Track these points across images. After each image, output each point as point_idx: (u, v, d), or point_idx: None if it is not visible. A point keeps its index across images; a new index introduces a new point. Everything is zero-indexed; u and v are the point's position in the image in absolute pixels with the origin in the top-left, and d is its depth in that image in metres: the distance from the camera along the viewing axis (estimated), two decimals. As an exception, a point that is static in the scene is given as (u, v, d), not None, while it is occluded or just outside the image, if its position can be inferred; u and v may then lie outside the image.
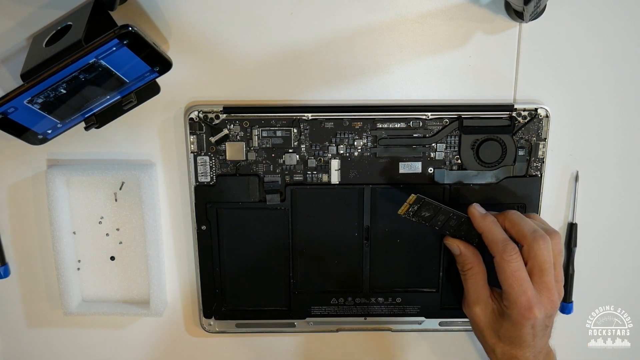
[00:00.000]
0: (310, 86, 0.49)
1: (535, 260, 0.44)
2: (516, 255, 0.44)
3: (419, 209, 0.47)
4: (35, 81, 0.40)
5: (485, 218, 0.46)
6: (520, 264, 0.44)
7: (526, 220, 0.46)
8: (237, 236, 0.52)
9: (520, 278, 0.44)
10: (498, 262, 0.45)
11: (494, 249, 0.45)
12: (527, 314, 0.44)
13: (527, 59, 0.48)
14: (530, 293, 0.44)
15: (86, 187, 0.52)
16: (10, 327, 0.56)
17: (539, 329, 0.45)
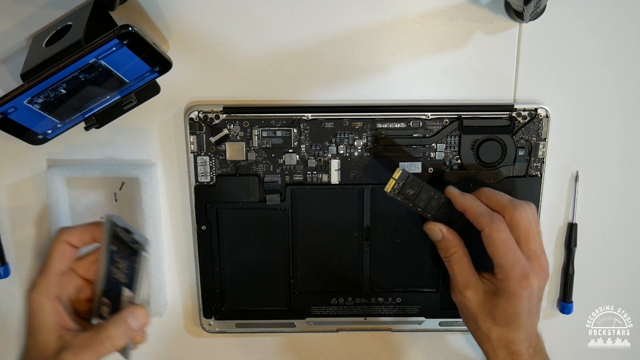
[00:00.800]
0: (310, 86, 0.49)
1: (519, 228, 0.43)
2: (503, 225, 0.43)
3: (404, 186, 0.45)
4: (35, 81, 0.40)
5: (464, 195, 0.46)
6: (509, 234, 0.43)
7: (501, 193, 0.46)
8: (237, 236, 0.52)
9: (512, 247, 0.43)
10: (487, 234, 0.43)
11: (482, 221, 0.43)
12: (524, 283, 0.42)
13: (527, 59, 0.48)
14: (523, 262, 0.43)
15: (86, 187, 0.52)
16: (11, 327, 0.56)
17: (535, 302, 0.44)
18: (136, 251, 0.39)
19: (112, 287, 0.40)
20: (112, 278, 0.40)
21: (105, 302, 0.41)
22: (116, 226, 0.39)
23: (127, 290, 0.40)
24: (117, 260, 0.40)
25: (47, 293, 0.40)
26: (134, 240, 0.39)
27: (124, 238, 0.39)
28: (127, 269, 0.40)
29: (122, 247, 0.39)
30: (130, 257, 0.39)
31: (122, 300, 0.40)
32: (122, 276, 0.40)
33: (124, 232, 0.39)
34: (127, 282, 0.40)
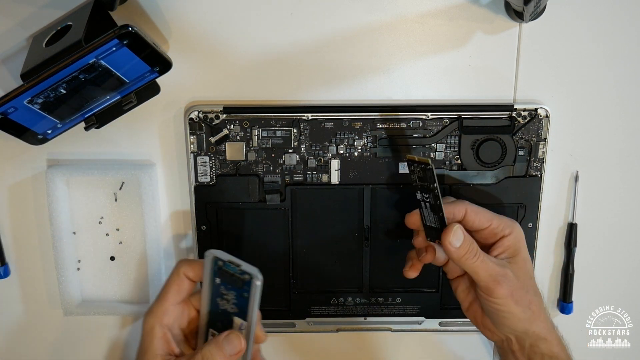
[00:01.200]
0: (310, 86, 0.49)
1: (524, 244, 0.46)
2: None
3: (422, 170, 0.43)
4: (35, 81, 0.40)
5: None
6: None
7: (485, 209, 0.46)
8: (237, 236, 0.52)
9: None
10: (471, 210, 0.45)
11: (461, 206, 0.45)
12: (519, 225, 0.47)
13: (527, 59, 0.48)
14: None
15: (86, 187, 0.52)
16: (10, 327, 0.56)
17: None
18: (246, 281, 0.41)
19: (221, 318, 0.42)
20: (219, 310, 0.42)
21: (212, 333, 0.43)
22: (219, 260, 0.41)
23: (238, 319, 0.42)
24: (224, 292, 0.42)
25: (160, 320, 0.42)
26: (243, 272, 0.41)
27: (230, 270, 0.41)
28: (235, 299, 0.42)
29: (228, 279, 0.41)
30: (239, 287, 0.41)
31: (233, 328, 0.42)
32: (231, 306, 0.42)
33: (229, 265, 0.41)
34: (237, 311, 0.42)
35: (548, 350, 0.46)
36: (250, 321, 0.41)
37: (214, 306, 0.43)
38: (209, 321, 0.43)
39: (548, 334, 0.46)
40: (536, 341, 0.46)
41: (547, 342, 0.46)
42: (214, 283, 0.42)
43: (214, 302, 0.42)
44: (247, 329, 0.42)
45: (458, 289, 0.49)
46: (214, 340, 0.41)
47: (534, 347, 0.46)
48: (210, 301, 0.43)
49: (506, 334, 0.47)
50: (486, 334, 0.49)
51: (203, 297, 0.43)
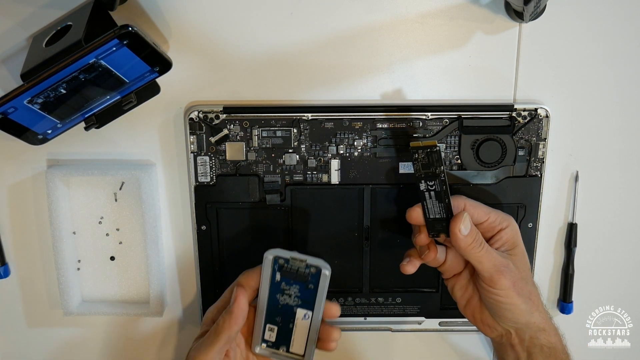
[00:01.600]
0: (310, 86, 0.49)
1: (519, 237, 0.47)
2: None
3: (427, 156, 0.43)
4: (35, 81, 0.40)
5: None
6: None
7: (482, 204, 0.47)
8: (237, 236, 0.52)
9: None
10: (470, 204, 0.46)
11: (460, 201, 0.46)
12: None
13: (527, 59, 0.48)
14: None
15: (86, 187, 0.52)
16: (10, 327, 0.56)
17: None
18: (312, 274, 0.44)
19: (280, 313, 0.45)
20: (278, 305, 0.45)
21: (270, 328, 0.46)
22: (280, 258, 0.44)
23: (302, 310, 0.45)
24: (285, 288, 0.45)
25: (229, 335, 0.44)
26: (308, 265, 0.44)
27: (293, 267, 0.44)
28: (299, 292, 0.45)
29: (292, 275, 0.44)
30: (304, 280, 0.44)
31: (296, 320, 0.45)
32: (293, 300, 0.45)
33: (293, 261, 0.44)
34: (301, 302, 0.45)
35: (546, 340, 0.47)
36: (318, 309, 0.45)
37: (272, 302, 0.45)
38: (266, 317, 0.46)
39: (546, 324, 0.47)
40: (536, 332, 0.47)
41: (546, 333, 0.47)
42: (273, 281, 0.44)
43: (272, 298, 0.45)
44: (313, 318, 0.45)
45: (455, 287, 0.49)
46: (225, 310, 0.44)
47: (534, 339, 0.47)
48: (269, 298, 0.45)
49: (506, 327, 0.47)
50: (485, 331, 0.49)
51: (260, 296, 0.45)
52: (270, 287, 0.45)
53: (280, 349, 0.46)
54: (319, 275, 0.43)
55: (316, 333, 0.45)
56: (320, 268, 0.43)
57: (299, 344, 0.46)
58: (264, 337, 0.46)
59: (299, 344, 0.46)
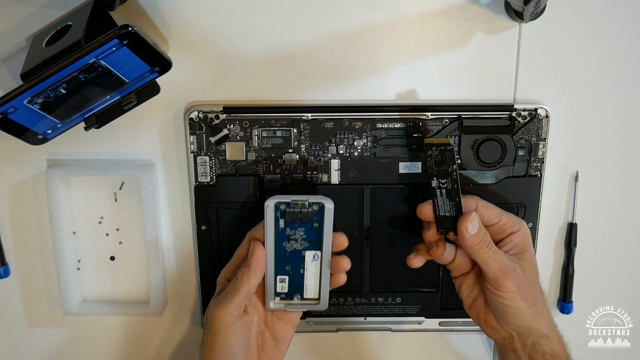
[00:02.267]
0: (310, 86, 0.49)
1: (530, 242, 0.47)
2: None
3: (440, 154, 0.43)
4: (35, 81, 0.40)
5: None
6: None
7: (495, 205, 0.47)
8: (237, 236, 0.52)
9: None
10: (481, 205, 0.46)
11: (472, 201, 0.46)
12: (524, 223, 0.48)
13: (527, 59, 0.48)
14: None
15: (86, 187, 0.52)
16: (10, 327, 0.56)
17: None
18: (315, 211, 0.43)
19: (290, 261, 0.45)
20: (286, 253, 0.45)
21: (281, 279, 0.46)
22: (281, 204, 0.43)
23: (310, 252, 0.45)
24: (290, 233, 0.44)
25: (232, 315, 0.44)
26: (311, 204, 0.43)
27: (296, 209, 0.43)
28: (305, 234, 0.44)
29: (296, 217, 0.44)
30: (309, 220, 0.44)
31: (305, 264, 0.45)
32: (300, 243, 0.45)
33: (295, 204, 0.43)
34: (308, 244, 0.45)
35: (549, 348, 0.46)
36: (326, 247, 0.45)
37: (280, 252, 0.45)
38: (276, 269, 0.46)
39: (550, 331, 0.47)
40: (538, 339, 0.46)
41: (549, 340, 0.46)
42: (277, 229, 0.44)
43: (279, 247, 0.45)
44: (323, 256, 0.45)
45: (462, 287, 0.49)
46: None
47: (536, 344, 0.46)
48: (276, 248, 0.45)
49: (509, 331, 0.47)
50: (488, 332, 0.49)
51: (267, 248, 0.45)
52: (275, 236, 0.44)
53: (294, 297, 0.46)
54: (323, 211, 0.43)
55: (328, 269, 0.45)
56: (323, 203, 0.43)
57: (312, 288, 0.46)
58: (277, 290, 0.46)
59: (312, 287, 0.46)
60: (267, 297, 0.46)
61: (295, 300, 0.47)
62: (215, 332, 0.43)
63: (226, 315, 0.43)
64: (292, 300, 0.47)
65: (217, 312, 0.43)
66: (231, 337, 0.43)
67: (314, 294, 0.47)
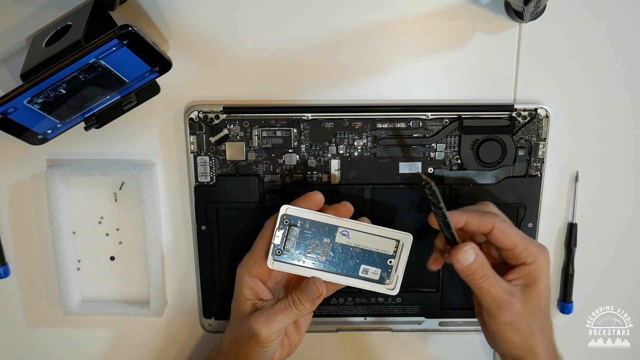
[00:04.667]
0: (310, 86, 0.49)
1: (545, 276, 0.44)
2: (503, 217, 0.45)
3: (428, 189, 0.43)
4: (35, 81, 0.40)
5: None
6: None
7: (515, 229, 0.45)
8: (237, 236, 0.52)
9: (520, 231, 0.45)
10: (499, 227, 0.44)
11: (488, 220, 0.44)
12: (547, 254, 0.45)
13: (527, 59, 0.48)
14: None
15: (86, 187, 0.52)
16: (10, 327, 0.56)
17: None
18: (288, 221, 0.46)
19: (345, 257, 0.46)
20: (332, 259, 0.46)
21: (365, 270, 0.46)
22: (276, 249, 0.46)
23: (338, 236, 0.46)
24: (309, 250, 0.46)
25: (248, 271, 0.47)
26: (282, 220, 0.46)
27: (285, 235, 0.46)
28: (315, 236, 0.46)
29: (293, 238, 0.46)
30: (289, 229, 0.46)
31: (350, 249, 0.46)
32: (322, 243, 0.46)
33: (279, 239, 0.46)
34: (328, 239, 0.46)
35: None
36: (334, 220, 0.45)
37: (329, 265, 0.46)
38: (350, 273, 0.46)
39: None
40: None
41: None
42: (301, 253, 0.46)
43: (323, 264, 0.46)
44: (346, 224, 0.46)
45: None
46: (299, 286, 0.45)
47: None
48: (322, 266, 0.46)
49: (500, 353, 0.47)
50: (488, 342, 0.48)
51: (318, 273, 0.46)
52: (310, 264, 0.46)
53: (391, 274, 0.47)
54: (289, 215, 0.45)
55: (365, 225, 0.46)
56: (283, 211, 0.45)
57: (382, 244, 0.46)
58: (375, 280, 0.46)
59: (381, 244, 0.46)
60: (383, 291, 0.47)
61: (394, 263, 0.47)
62: (261, 344, 0.45)
63: (272, 334, 0.45)
64: (395, 267, 0.47)
65: (267, 332, 0.45)
66: (274, 346, 0.46)
67: (391, 244, 0.47)
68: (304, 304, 0.45)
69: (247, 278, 0.46)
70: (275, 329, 0.44)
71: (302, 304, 0.45)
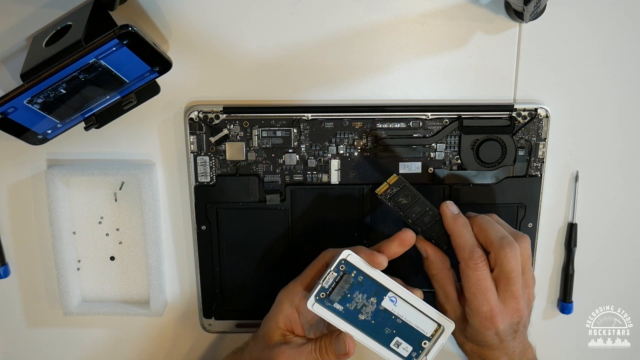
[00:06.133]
0: (310, 86, 0.49)
1: (501, 269, 0.43)
2: (482, 263, 0.43)
3: (397, 193, 0.44)
4: (35, 81, 0.40)
5: (456, 220, 0.45)
6: (485, 273, 0.43)
7: (495, 226, 0.45)
8: (237, 236, 0.52)
9: (483, 287, 0.43)
10: (463, 269, 0.44)
11: (460, 254, 0.44)
12: (488, 324, 0.43)
13: (527, 59, 0.48)
14: (493, 303, 0.43)
15: (86, 187, 0.52)
16: (10, 327, 0.56)
17: (506, 335, 0.44)
18: (347, 268, 0.43)
19: (382, 323, 0.44)
20: (371, 323, 0.44)
21: (396, 344, 0.44)
22: (319, 293, 0.43)
23: (384, 301, 0.44)
24: (353, 305, 0.43)
25: (290, 298, 0.45)
26: (336, 268, 0.43)
27: (336, 286, 0.43)
28: (361, 293, 0.43)
29: (341, 291, 0.43)
30: (349, 282, 0.43)
31: (394, 312, 0.44)
32: (369, 303, 0.44)
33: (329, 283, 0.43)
34: (376, 299, 0.44)
35: None
36: (388, 283, 0.43)
37: (366, 327, 0.43)
38: (383, 343, 0.44)
39: None
40: None
41: None
42: (341, 313, 0.43)
43: (361, 324, 0.43)
44: (397, 291, 0.44)
45: None
46: (329, 335, 0.43)
47: None
48: (360, 328, 0.43)
49: None
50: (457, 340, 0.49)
51: (353, 335, 0.43)
52: (347, 320, 0.43)
53: (422, 344, 0.44)
54: (349, 262, 0.42)
55: (412, 294, 0.43)
56: (343, 258, 0.42)
57: (425, 322, 0.44)
58: (404, 356, 0.44)
59: (424, 322, 0.44)
60: None
61: (427, 346, 0.44)
62: None
63: None
64: (427, 351, 0.44)
65: None
66: None
67: (432, 326, 0.44)
68: (329, 356, 0.43)
69: (286, 306, 0.45)
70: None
71: (327, 355, 0.43)
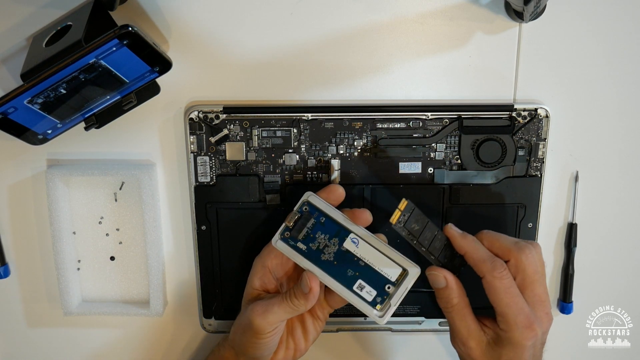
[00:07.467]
0: (310, 86, 0.49)
1: (525, 273, 0.42)
2: (506, 271, 0.42)
3: (409, 219, 0.43)
4: (35, 81, 0.40)
5: (466, 237, 0.44)
6: (511, 280, 0.42)
7: (503, 235, 0.44)
8: (237, 236, 0.52)
9: (515, 295, 0.41)
10: (489, 282, 0.42)
11: (483, 268, 0.42)
12: (528, 332, 0.41)
13: (527, 59, 0.48)
14: (527, 310, 0.41)
15: (86, 187, 0.52)
16: (10, 327, 0.56)
17: (538, 347, 0.43)
18: (308, 208, 0.45)
19: (344, 264, 0.45)
20: (334, 264, 0.45)
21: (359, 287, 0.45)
22: (284, 232, 0.46)
23: (346, 242, 0.45)
24: (315, 244, 0.45)
25: (262, 260, 0.48)
26: (300, 209, 0.46)
27: (296, 224, 0.45)
28: (323, 232, 0.45)
29: (301, 229, 0.45)
30: (309, 220, 0.45)
31: (358, 255, 0.45)
32: (332, 244, 0.45)
33: (291, 223, 0.46)
34: (338, 239, 0.45)
35: None
36: (351, 226, 0.45)
37: (328, 267, 0.45)
38: (346, 284, 0.45)
39: None
40: None
41: None
42: (303, 251, 0.45)
43: (323, 263, 0.45)
44: (360, 233, 0.45)
45: None
46: (297, 283, 0.45)
47: None
48: (321, 267, 0.45)
49: None
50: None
51: (315, 273, 0.45)
52: (309, 258, 0.45)
53: (386, 288, 0.44)
54: (310, 202, 0.45)
55: (376, 238, 0.44)
56: (305, 199, 0.45)
57: (390, 265, 0.44)
58: (367, 300, 0.44)
59: (389, 265, 0.44)
60: (371, 315, 0.44)
61: (391, 290, 0.44)
62: (255, 335, 0.45)
63: (267, 325, 0.45)
64: (391, 295, 0.44)
65: (261, 323, 0.45)
66: (270, 340, 0.46)
67: (397, 270, 0.44)
68: (297, 298, 0.44)
69: (259, 267, 0.47)
70: (269, 320, 0.44)
71: (295, 297, 0.44)
